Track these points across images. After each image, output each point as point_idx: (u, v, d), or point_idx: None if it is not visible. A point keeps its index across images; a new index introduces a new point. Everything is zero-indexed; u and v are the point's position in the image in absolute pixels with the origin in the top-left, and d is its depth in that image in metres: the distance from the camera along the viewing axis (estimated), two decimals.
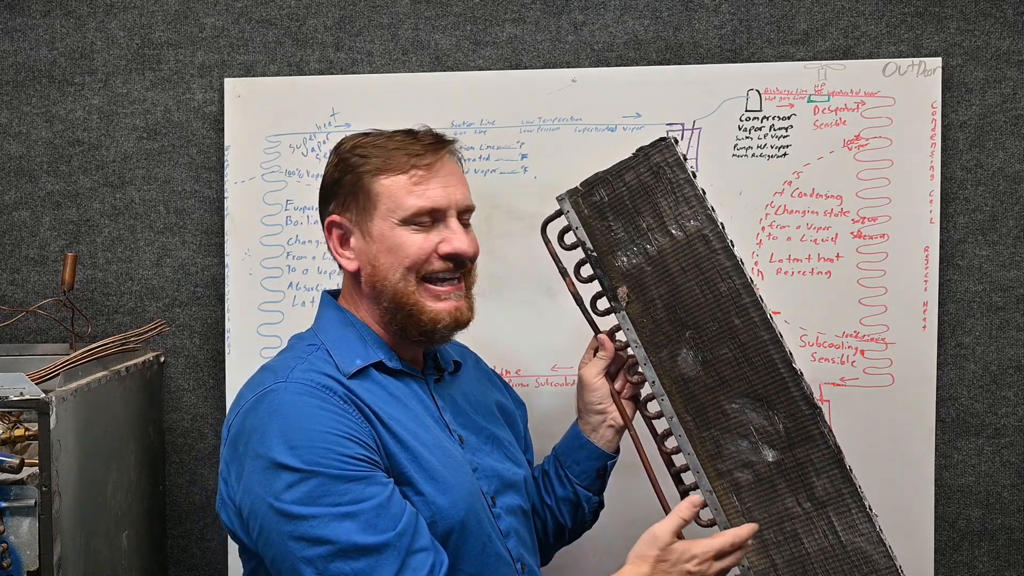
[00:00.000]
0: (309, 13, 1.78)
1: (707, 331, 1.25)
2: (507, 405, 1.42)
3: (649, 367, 1.28)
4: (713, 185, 1.70)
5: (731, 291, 1.24)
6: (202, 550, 1.82)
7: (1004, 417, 1.74)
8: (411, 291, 1.21)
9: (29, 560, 1.32)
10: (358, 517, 1.06)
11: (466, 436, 1.27)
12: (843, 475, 1.21)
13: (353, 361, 1.20)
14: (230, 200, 1.75)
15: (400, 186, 1.22)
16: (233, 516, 1.15)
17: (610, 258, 1.30)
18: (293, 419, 1.10)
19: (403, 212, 1.21)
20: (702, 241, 1.25)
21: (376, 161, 1.23)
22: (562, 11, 1.76)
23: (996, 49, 1.72)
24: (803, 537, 1.22)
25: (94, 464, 1.47)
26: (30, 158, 1.81)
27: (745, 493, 1.24)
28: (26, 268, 1.82)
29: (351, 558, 1.05)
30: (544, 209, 1.38)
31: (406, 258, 1.21)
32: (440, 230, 1.22)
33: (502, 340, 1.73)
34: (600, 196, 1.30)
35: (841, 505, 1.21)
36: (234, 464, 1.14)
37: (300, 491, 1.06)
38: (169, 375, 1.81)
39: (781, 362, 1.22)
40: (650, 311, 1.28)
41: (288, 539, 1.06)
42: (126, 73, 1.80)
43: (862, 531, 1.20)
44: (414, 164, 1.22)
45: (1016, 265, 1.73)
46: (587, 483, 1.39)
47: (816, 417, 1.21)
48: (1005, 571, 1.75)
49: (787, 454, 1.22)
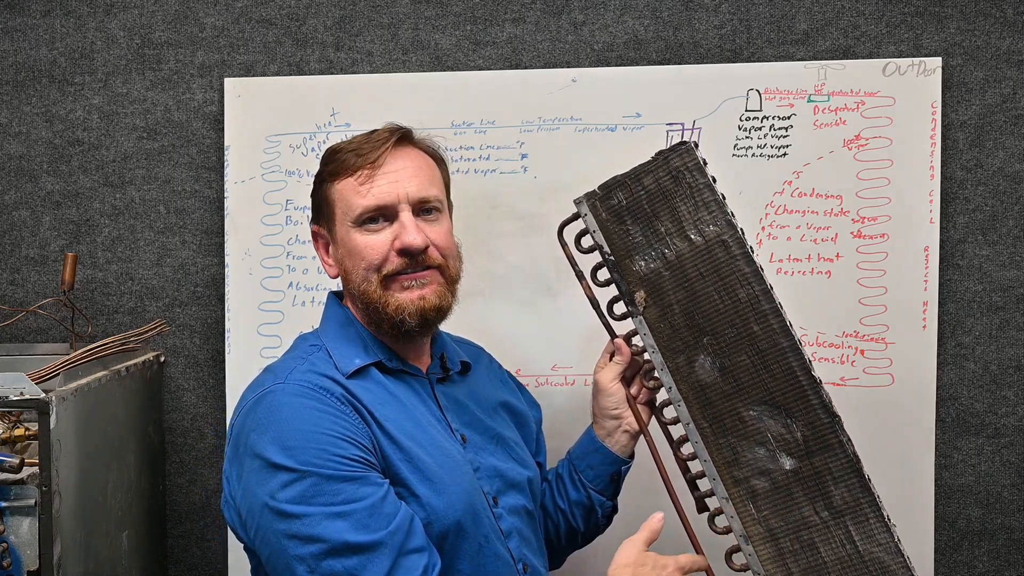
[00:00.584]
0: (309, 13, 1.78)
1: (725, 337, 1.24)
2: (518, 406, 1.41)
3: (666, 372, 1.27)
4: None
5: (750, 297, 1.23)
6: (202, 550, 1.82)
7: (1004, 417, 1.74)
8: (374, 290, 1.21)
9: (29, 560, 1.32)
10: (351, 516, 1.07)
11: (469, 435, 1.27)
12: (861, 484, 1.19)
13: (352, 361, 1.20)
14: (230, 200, 1.75)
15: (349, 188, 1.22)
16: (235, 515, 1.16)
17: (627, 262, 1.29)
18: (289, 420, 1.11)
19: (352, 213, 1.22)
20: (721, 247, 1.24)
21: (332, 167, 1.25)
22: (562, 11, 1.76)
23: (996, 49, 1.72)
24: (820, 546, 1.20)
25: (94, 464, 1.46)
26: (30, 158, 1.81)
27: (761, 501, 1.22)
28: (26, 268, 1.82)
29: (343, 556, 1.05)
30: (544, 209, 1.38)
31: (362, 260, 1.21)
32: (394, 227, 1.21)
33: (502, 340, 1.72)
34: (618, 199, 1.29)
35: (859, 514, 1.19)
36: (235, 463, 1.15)
37: (294, 491, 1.07)
38: (169, 375, 1.81)
39: (800, 370, 1.21)
40: (667, 316, 1.27)
41: (282, 537, 1.07)
42: (126, 73, 1.80)
43: (880, 541, 1.19)
44: (360, 164, 1.22)
45: (1016, 265, 1.73)
46: (601, 488, 1.38)
47: (835, 426, 1.20)
48: (1005, 571, 1.75)
49: (805, 462, 1.21)
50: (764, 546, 1.22)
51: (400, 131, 1.26)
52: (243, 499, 1.12)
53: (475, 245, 1.73)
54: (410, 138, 1.27)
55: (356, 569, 1.05)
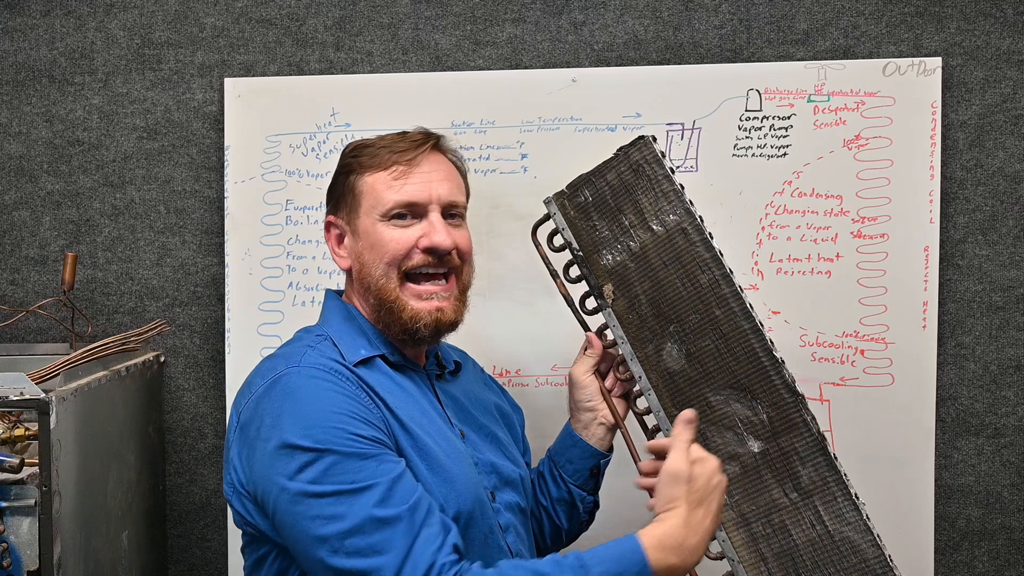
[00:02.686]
0: (309, 13, 1.78)
1: (690, 323, 1.26)
2: (505, 408, 1.43)
3: (636, 363, 1.29)
4: (713, 185, 1.70)
5: (711, 282, 1.25)
6: (202, 550, 1.82)
7: (1004, 417, 1.74)
8: (392, 287, 1.23)
9: (29, 560, 1.32)
10: (372, 491, 1.07)
11: (467, 431, 1.28)
12: (827, 463, 1.21)
13: (358, 351, 1.21)
14: (230, 200, 1.75)
15: (381, 182, 1.24)
16: (247, 502, 1.15)
17: (596, 257, 1.31)
18: (306, 401, 1.11)
19: (383, 207, 1.23)
20: (681, 235, 1.26)
21: (364, 160, 1.26)
22: (562, 11, 1.76)
23: (996, 49, 1.72)
24: (791, 528, 1.22)
25: (94, 464, 1.47)
26: (30, 158, 1.81)
27: (733, 486, 1.23)
28: (26, 268, 1.82)
29: (366, 533, 1.05)
30: (544, 209, 1.38)
31: (386, 253, 1.22)
32: (422, 225, 1.23)
33: (502, 340, 1.73)
34: (584, 196, 1.32)
35: (827, 494, 1.21)
36: (245, 449, 1.15)
37: (315, 470, 1.07)
38: (169, 375, 1.81)
39: (762, 350, 1.23)
40: (635, 307, 1.29)
41: (303, 519, 1.07)
42: (126, 73, 1.80)
43: (849, 520, 1.20)
44: (396, 160, 1.24)
45: (1016, 265, 1.73)
46: (581, 482, 1.39)
47: (798, 404, 1.22)
48: (1005, 571, 1.75)
49: (772, 443, 1.23)
50: (737, 532, 1.23)
51: (436, 136, 1.29)
52: (259, 484, 1.12)
53: (475, 245, 1.71)
54: (442, 144, 1.30)
55: (379, 545, 1.05)
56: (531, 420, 1.51)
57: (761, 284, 1.71)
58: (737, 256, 1.66)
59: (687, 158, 1.71)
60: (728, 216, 1.69)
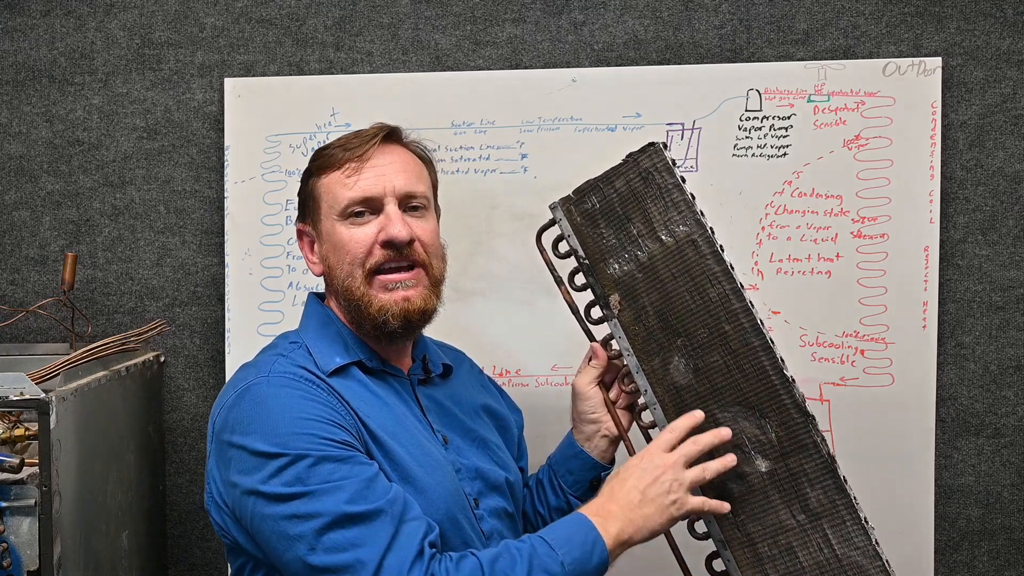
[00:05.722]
0: (309, 13, 1.78)
1: (698, 338, 1.23)
2: (499, 410, 1.40)
3: (642, 376, 1.26)
4: (713, 185, 1.70)
5: (721, 297, 1.21)
6: (202, 550, 1.82)
7: (1004, 417, 1.74)
8: (357, 285, 1.21)
9: (29, 560, 1.32)
10: (347, 488, 1.06)
11: (450, 436, 1.26)
12: (837, 486, 1.18)
13: (332, 360, 1.20)
14: (230, 200, 1.75)
15: (335, 181, 1.23)
16: (225, 515, 1.15)
17: (602, 266, 1.28)
18: (276, 410, 1.10)
19: (339, 206, 1.22)
20: (691, 246, 1.23)
21: (321, 162, 1.26)
22: (562, 11, 1.76)
23: (996, 49, 1.72)
24: (798, 550, 1.19)
25: (94, 464, 1.46)
26: (30, 158, 1.81)
27: (738, 504, 1.21)
28: (26, 268, 1.82)
29: (343, 527, 1.05)
30: (544, 209, 1.38)
31: (347, 253, 1.21)
32: (379, 219, 1.21)
33: (502, 340, 1.73)
34: (592, 203, 1.28)
35: (836, 517, 1.18)
36: (220, 460, 1.14)
37: (288, 475, 1.07)
38: (169, 375, 1.81)
39: (772, 369, 1.19)
40: (642, 319, 1.26)
41: (278, 520, 1.07)
42: (126, 73, 1.80)
43: (857, 544, 1.17)
44: (347, 158, 1.23)
45: (1016, 265, 1.73)
46: (580, 493, 1.37)
47: (808, 425, 1.19)
48: (1005, 571, 1.75)
49: (780, 464, 1.20)
50: (743, 551, 1.21)
51: (388, 128, 1.27)
52: (231, 494, 1.11)
53: (475, 245, 1.74)
54: (398, 136, 1.28)
55: (358, 539, 1.05)
56: (531, 421, 1.50)
57: (761, 284, 1.71)
58: (737, 256, 1.65)
59: (687, 158, 1.71)
60: (728, 216, 1.69)
